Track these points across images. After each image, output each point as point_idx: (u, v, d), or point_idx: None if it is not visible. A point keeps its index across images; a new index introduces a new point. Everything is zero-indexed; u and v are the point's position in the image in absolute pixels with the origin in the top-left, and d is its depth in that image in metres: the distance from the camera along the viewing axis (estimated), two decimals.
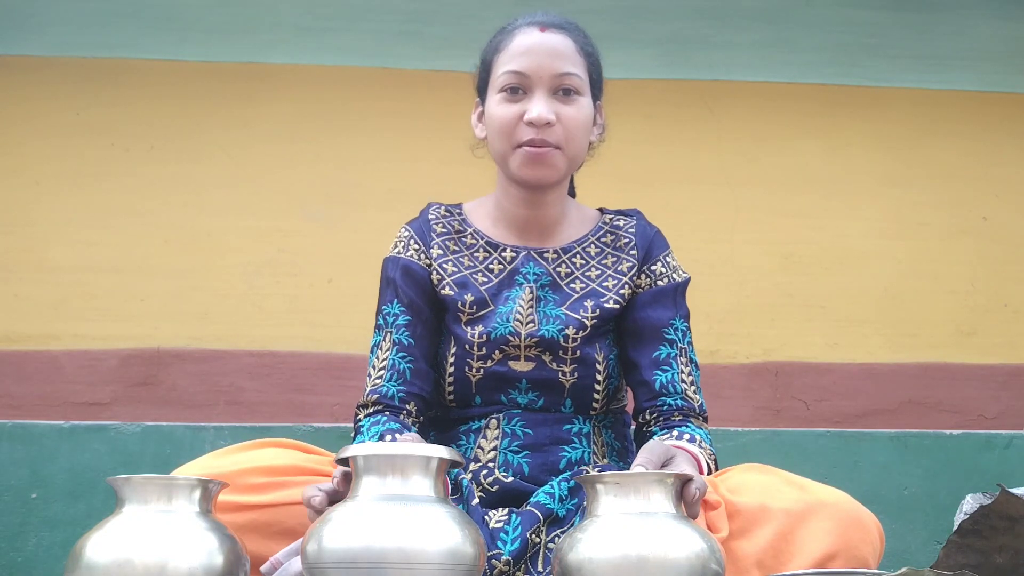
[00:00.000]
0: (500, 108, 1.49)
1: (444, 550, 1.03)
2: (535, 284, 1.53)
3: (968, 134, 3.05)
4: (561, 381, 1.49)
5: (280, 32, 2.94)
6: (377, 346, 1.54)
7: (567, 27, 1.53)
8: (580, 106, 1.51)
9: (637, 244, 1.58)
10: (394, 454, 1.10)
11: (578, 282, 1.54)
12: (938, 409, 2.87)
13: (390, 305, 1.55)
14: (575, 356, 1.49)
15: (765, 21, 3.00)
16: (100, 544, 1.06)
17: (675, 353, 1.50)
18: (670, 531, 1.02)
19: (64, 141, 2.88)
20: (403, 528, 1.04)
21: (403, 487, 1.08)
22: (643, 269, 1.56)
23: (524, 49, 1.48)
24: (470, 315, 1.52)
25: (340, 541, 1.04)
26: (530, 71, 1.47)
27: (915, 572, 1.04)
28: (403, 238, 1.60)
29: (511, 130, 1.48)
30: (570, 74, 1.49)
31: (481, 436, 1.50)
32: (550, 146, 1.47)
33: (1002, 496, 1.26)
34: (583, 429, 1.52)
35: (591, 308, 1.51)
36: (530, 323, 1.51)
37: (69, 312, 2.77)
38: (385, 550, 1.02)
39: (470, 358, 1.51)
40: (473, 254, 1.57)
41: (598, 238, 1.59)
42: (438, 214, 1.62)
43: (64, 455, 2.27)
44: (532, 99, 1.47)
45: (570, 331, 1.49)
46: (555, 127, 1.47)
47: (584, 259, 1.56)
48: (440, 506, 1.08)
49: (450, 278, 1.54)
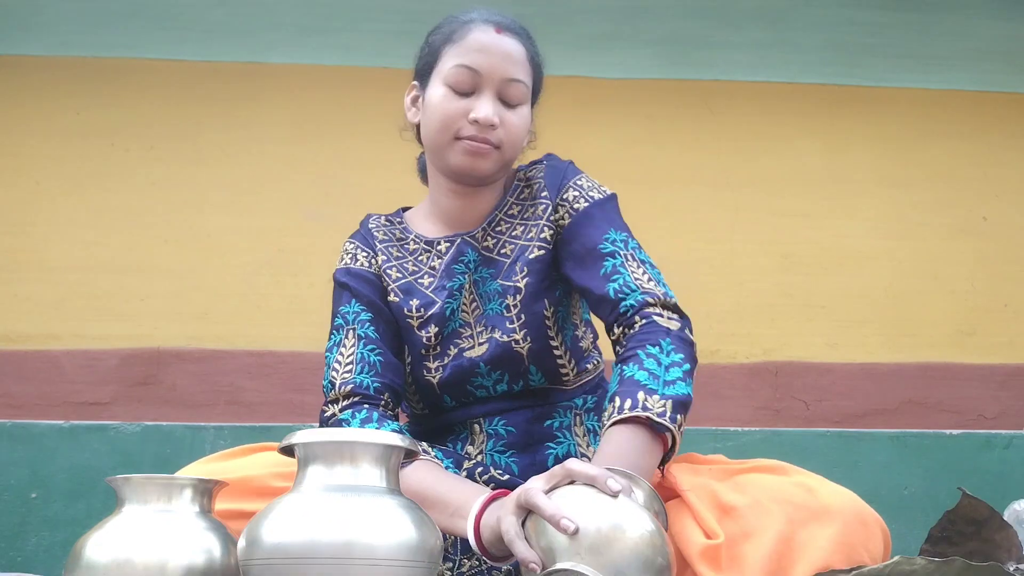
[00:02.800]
0: (445, 101, 1.46)
1: (396, 545, 0.97)
2: (471, 269, 1.51)
3: (968, 134, 3.05)
4: (516, 350, 1.46)
5: (280, 32, 2.95)
6: (339, 344, 1.48)
7: (521, 33, 1.52)
8: (522, 114, 1.50)
9: (547, 184, 1.53)
10: (342, 440, 1.03)
11: (507, 246, 1.51)
12: (938, 409, 2.87)
13: (348, 305, 1.51)
14: (522, 320, 1.46)
15: (765, 21, 3.00)
16: (100, 544, 1.06)
17: (620, 261, 1.42)
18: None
19: (64, 141, 2.88)
20: (352, 521, 0.97)
21: (353, 477, 1.02)
22: (559, 203, 1.51)
23: (479, 46, 1.46)
24: (419, 318, 1.50)
25: (281, 535, 0.97)
26: (482, 69, 1.45)
27: (907, 560, 1.05)
28: (349, 250, 1.59)
29: (453, 124, 1.46)
30: (518, 81, 1.48)
31: (468, 443, 1.50)
32: (491, 145, 1.46)
33: (964, 500, 1.24)
34: (564, 422, 1.51)
35: (520, 268, 1.48)
36: (475, 310, 1.50)
37: (69, 312, 2.77)
38: (332, 544, 0.95)
39: (427, 360, 1.49)
40: (416, 258, 1.55)
41: (516, 196, 1.55)
42: (378, 223, 1.61)
43: (64, 455, 2.27)
44: (479, 98, 1.45)
45: (509, 299, 1.47)
46: (497, 129, 1.46)
47: (507, 222, 1.53)
48: (393, 497, 1.02)
49: (395, 284, 1.53)
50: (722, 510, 1.21)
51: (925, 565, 1.04)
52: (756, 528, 1.17)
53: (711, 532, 1.19)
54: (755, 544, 1.16)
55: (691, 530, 1.20)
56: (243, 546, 1.01)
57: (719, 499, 1.23)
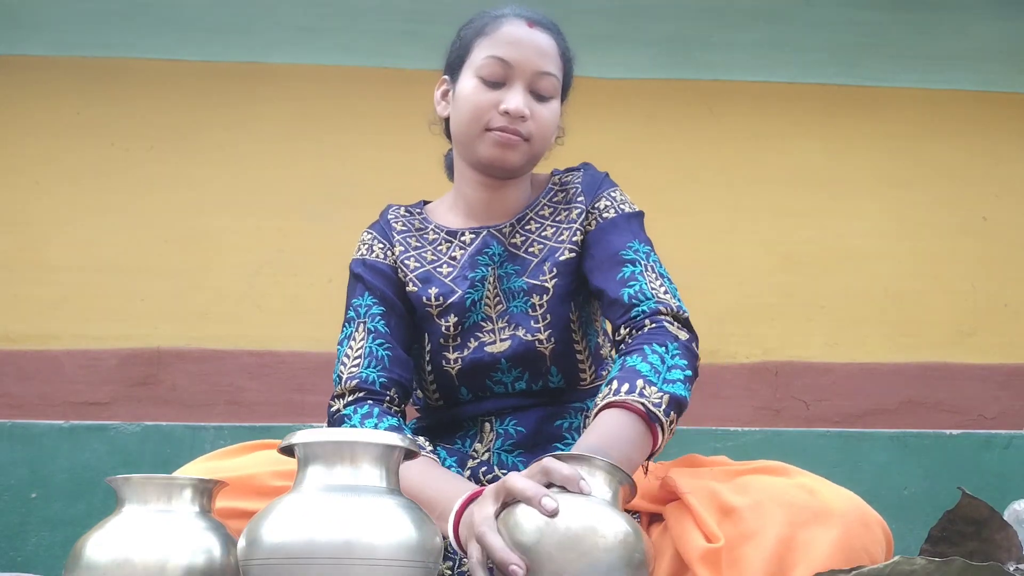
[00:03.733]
0: (476, 92, 1.48)
1: (396, 545, 0.97)
2: (496, 263, 1.52)
3: (968, 134, 3.05)
4: (540, 350, 1.47)
5: (280, 32, 2.95)
6: (349, 337, 1.50)
7: (552, 28, 1.55)
8: (552, 108, 1.51)
9: (583, 190, 1.56)
10: (342, 440, 1.03)
11: (535, 245, 1.53)
12: (938, 409, 2.86)
13: (361, 298, 1.52)
14: (547, 321, 1.47)
15: (765, 21, 3.00)
16: (100, 544, 1.05)
17: (639, 270, 1.44)
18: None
19: (64, 141, 2.88)
20: (352, 521, 0.97)
21: (353, 477, 1.02)
22: (590, 210, 1.53)
23: (511, 39, 1.48)
24: (439, 307, 1.50)
25: (281, 535, 0.97)
26: (514, 62, 1.47)
27: (907, 560, 1.05)
28: (365, 241, 1.60)
29: (483, 115, 1.47)
30: (549, 74, 1.49)
31: (476, 440, 1.50)
32: (521, 137, 1.47)
33: (964, 500, 1.24)
34: (574, 423, 1.51)
35: (548, 269, 1.49)
36: (498, 305, 1.50)
37: (69, 312, 2.77)
38: (332, 544, 0.95)
39: (446, 350, 1.50)
40: (436, 248, 1.55)
41: (549, 199, 1.57)
42: (397, 214, 1.63)
43: (64, 455, 2.27)
44: (510, 90, 1.47)
45: (535, 299, 1.48)
46: (528, 122, 1.47)
47: (538, 222, 1.55)
48: (393, 497, 1.02)
49: (413, 274, 1.53)
50: (723, 511, 1.21)
51: (925, 565, 1.04)
52: (757, 530, 1.17)
53: (711, 535, 1.18)
54: (756, 546, 1.15)
55: (691, 533, 1.20)
56: (243, 546, 1.01)
57: (720, 500, 1.22)
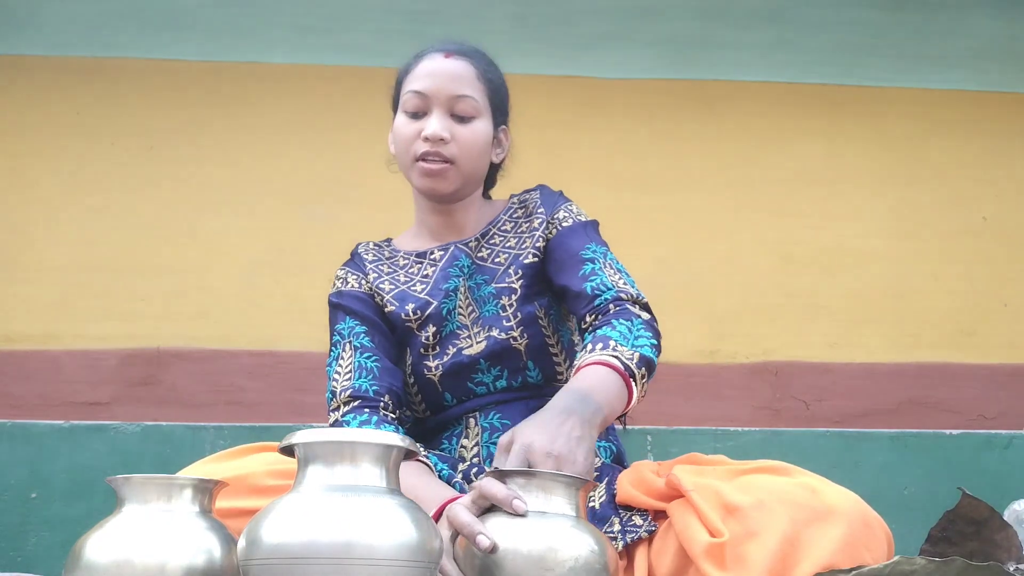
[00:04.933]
0: (403, 125, 1.60)
1: (397, 545, 0.97)
2: (466, 275, 1.62)
3: (968, 134, 3.05)
4: (515, 346, 1.55)
5: (280, 32, 2.95)
6: (337, 358, 1.59)
7: (471, 55, 1.63)
8: (475, 128, 1.60)
9: (543, 204, 1.67)
10: (342, 440, 1.04)
11: (502, 255, 1.64)
12: (938, 409, 2.87)
13: (343, 323, 1.61)
14: (518, 319, 1.56)
15: (766, 21, 3.00)
16: (100, 544, 1.05)
17: (598, 266, 1.56)
18: None
19: (64, 141, 2.88)
20: (352, 521, 0.97)
21: (353, 477, 1.02)
22: (550, 220, 1.64)
23: (427, 72, 1.59)
24: (417, 320, 1.58)
25: (281, 535, 0.97)
26: (429, 91, 1.57)
27: (907, 560, 1.05)
28: (340, 276, 1.69)
29: (410, 145, 1.59)
30: (466, 97, 1.58)
31: (463, 437, 1.54)
32: (444, 160, 1.57)
33: (964, 500, 1.24)
34: None
35: (514, 271, 1.60)
36: (472, 313, 1.59)
37: (69, 312, 2.77)
38: (332, 544, 0.95)
39: (427, 359, 1.57)
40: (408, 271, 1.65)
41: (510, 215, 1.69)
42: (367, 247, 1.74)
43: (64, 455, 2.27)
44: (429, 118, 1.58)
45: (504, 300, 1.58)
46: (449, 144, 1.57)
47: (502, 235, 1.66)
48: (393, 497, 1.02)
49: (389, 295, 1.62)
50: (726, 510, 1.22)
51: (925, 565, 1.04)
52: (760, 527, 1.17)
53: (715, 531, 1.19)
54: (759, 543, 1.16)
55: (695, 529, 1.21)
56: (243, 546, 1.01)
57: (723, 499, 1.23)
